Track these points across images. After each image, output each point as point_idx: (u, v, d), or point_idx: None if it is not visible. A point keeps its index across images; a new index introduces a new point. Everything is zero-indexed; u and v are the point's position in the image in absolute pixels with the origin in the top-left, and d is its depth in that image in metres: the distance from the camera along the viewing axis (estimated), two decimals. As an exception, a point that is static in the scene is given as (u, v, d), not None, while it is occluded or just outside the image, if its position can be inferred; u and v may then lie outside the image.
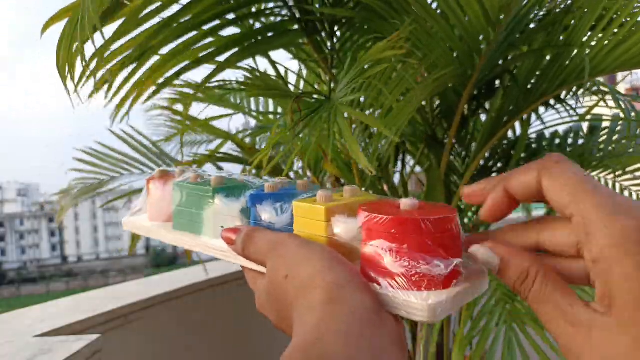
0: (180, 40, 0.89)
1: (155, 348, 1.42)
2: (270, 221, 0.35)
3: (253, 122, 1.49)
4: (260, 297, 0.34)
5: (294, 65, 1.33)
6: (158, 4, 0.81)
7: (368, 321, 0.26)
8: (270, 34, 1.02)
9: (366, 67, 0.78)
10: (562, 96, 1.19)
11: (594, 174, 1.32)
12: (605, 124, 1.31)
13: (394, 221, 0.28)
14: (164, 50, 0.89)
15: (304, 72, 1.38)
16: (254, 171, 1.20)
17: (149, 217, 0.47)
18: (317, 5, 1.02)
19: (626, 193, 1.35)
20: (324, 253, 0.30)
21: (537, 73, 1.07)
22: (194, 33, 0.90)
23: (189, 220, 0.41)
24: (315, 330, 0.25)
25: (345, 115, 0.76)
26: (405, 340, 0.28)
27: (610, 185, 1.34)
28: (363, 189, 1.15)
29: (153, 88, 0.96)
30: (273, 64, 1.13)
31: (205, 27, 0.92)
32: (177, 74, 0.92)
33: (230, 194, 0.39)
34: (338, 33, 1.08)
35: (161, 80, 0.92)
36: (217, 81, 0.99)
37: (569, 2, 0.98)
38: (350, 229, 0.30)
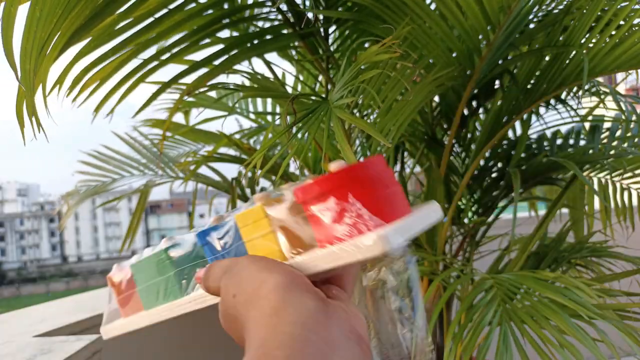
0: (176, 44, 0.90)
1: (155, 348, 1.42)
2: (226, 248, 0.34)
3: (247, 124, 1.49)
4: (221, 320, 0.33)
5: (293, 66, 1.33)
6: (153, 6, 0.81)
7: (314, 324, 0.26)
8: (264, 38, 1.02)
9: (362, 67, 0.78)
10: (563, 96, 1.19)
11: (593, 174, 1.32)
12: (606, 125, 1.31)
13: (318, 183, 0.28)
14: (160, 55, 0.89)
15: (302, 73, 1.38)
16: (249, 174, 1.20)
17: (122, 315, 0.45)
18: (309, 11, 1.02)
19: (627, 193, 1.35)
20: (269, 262, 0.30)
21: (537, 73, 1.07)
22: (185, 36, 0.90)
23: (158, 290, 0.39)
24: (261, 347, 0.25)
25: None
26: (365, 328, 0.28)
27: (611, 185, 1.34)
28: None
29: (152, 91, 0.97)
30: (268, 65, 1.13)
31: (200, 33, 0.92)
32: (175, 79, 0.92)
33: (181, 246, 0.37)
34: (332, 35, 1.08)
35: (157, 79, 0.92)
36: (216, 83, 0.99)
37: (566, 1, 0.98)
38: (278, 210, 0.31)
